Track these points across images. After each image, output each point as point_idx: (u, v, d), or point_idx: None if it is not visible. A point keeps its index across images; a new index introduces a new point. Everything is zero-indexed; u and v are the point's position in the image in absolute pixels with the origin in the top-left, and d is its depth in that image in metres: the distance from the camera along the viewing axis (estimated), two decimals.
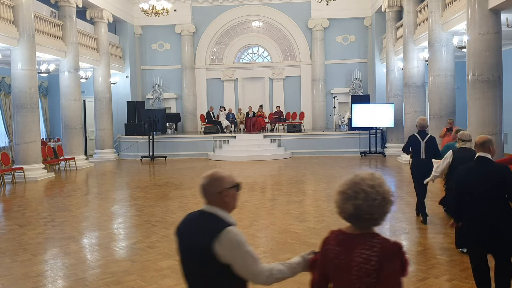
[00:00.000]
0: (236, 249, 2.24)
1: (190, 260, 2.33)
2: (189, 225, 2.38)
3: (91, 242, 7.21)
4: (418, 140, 7.50)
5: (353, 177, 2.13)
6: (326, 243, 2.27)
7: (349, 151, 18.58)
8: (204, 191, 2.36)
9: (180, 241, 2.39)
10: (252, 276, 2.31)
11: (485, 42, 10.06)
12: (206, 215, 2.34)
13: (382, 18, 20.01)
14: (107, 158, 19.06)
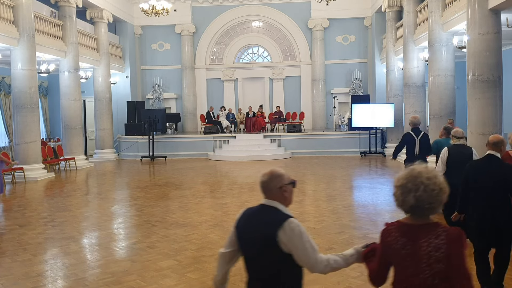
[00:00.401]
0: (298, 238, 2.46)
1: (254, 250, 2.52)
2: (251, 219, 2.60)
3: (91, 242, 7.21)
4: (413, 137, 7.81)
5: (409, 171, 2.33)
6: (387, 235, 2.42)
7: (349, 151, 18.58)
8: (265, 187, 2.59)
9: (242, 233, 2.61)
10: (311, 264, 2.51)
11: (485, 42, 10.06)
12: (267, 208, 2.57)
13: (382, 18, 20.01)
14: (107, 158, 19.06)
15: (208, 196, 10.97)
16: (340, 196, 10.19)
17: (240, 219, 2.69)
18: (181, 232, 7.32)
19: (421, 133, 7.85)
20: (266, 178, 2.58)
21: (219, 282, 2.84)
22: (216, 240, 6.76)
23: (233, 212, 8.71)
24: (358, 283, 4.99)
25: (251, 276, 2.59)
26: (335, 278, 5.14)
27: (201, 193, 11.18)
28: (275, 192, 2.56)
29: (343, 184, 12.13)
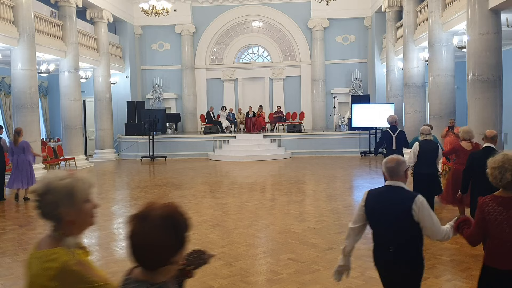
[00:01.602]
0: (426, 210, 3.07)
1: (390, 221, 3.12)
2: (382, 197, 3.21)
3: (91, 242, 7.21)
4: (390, 134, 8.91)
5: (504, 156, 3.06)
6: (485, 205, 3.13)
7: (349, 151, 18.58)
8: (392, 171, 3.19)
9: (375, 209, 3.21)
10: (434, 232, 3.11)
11: (485, 42, 10.06)
12: (395, 188, 3.19)
13: (382, 18, 20.01)
14: (107, 158, 19.06)
15: (208, 196, 10.97)
16: (340, 196, 10.19)
17: (369, 198, 3.26)
18: None
19: (397, 131, 8.91)
20: (393, 164, 3.19)
21: (348, 252, 3.41)
22: (216, 240, 6.76)
23: (233, 212, 8.71)
24: (358, 283, 4.98)
25: (383, 243, 3.20)
26: None
27: (201, 193, 11.18)
28: (401, 175, 3.20)
29: (343, 184, 12.13)
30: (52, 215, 1.83)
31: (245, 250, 6.26)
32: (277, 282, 5.05)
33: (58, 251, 1.80)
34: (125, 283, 1.74)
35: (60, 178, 1.84)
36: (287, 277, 5.20)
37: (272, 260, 5.86)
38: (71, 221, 1.85)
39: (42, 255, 1.80)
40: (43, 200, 1.82)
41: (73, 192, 1.83)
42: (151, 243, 1.62)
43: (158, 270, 1.67)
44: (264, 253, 6.20)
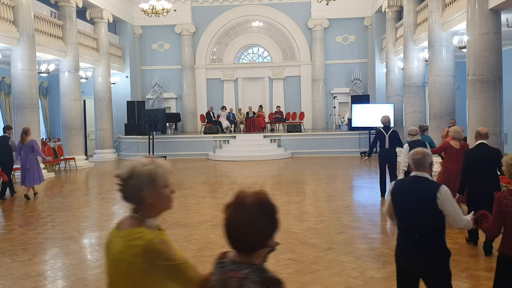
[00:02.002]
0: (449, 199, 3.30)
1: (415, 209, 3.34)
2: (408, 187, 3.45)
3: (91, 242, 7.21)
4: (383, 134, 9.49)
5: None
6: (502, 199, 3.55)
7: (349, 151, 18.58)
8: (418, 162, 3.42)
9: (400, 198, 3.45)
10: (456, 220, 3.36)
11: (485, 42, 10.06)
12: (421, 178, 3.42)
13: (382, 18, 20.01)
14: (107, 158, 19.06)
15: (208, 196, 10.97)
16: (340, 196, 10.18)
17: (395, 188, 3.53)
18: (181, 232, 7.32)
19: (390, 130, 9.49)
20: (420, 155, 3.42)
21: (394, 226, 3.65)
22: (216, 240, 6.76)
23: None
24: (358, 283, 4.98)
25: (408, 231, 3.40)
26: (335, 278, 5.14)
27: (201, 193, 11.18)
28: (427, 166, 3.43)
29: (343, 184, 12.13)
30: (135, 198, 1.99)
31: None
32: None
33: (142, 230, 1.95)
34: (220, 265, 1.87)
35: (143, 164, 1.99)
36: (287, 277, 5.20)
37: (272, 260, 5.84)
38: (152, 204, 1.99)
39: (127, 234, 1.95)
40: (127, 184, 1.98)
41: (155, 177, 1.98)
42: (249, 229, 1.77)
43: (253, 253, 1.82)
44: None
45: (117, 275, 1.97)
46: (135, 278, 1.90)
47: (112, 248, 2.00)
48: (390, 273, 5.04)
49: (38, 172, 10.65)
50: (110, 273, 2.02)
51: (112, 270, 1.99)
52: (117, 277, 1.97)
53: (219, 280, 1.81)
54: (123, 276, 1.93)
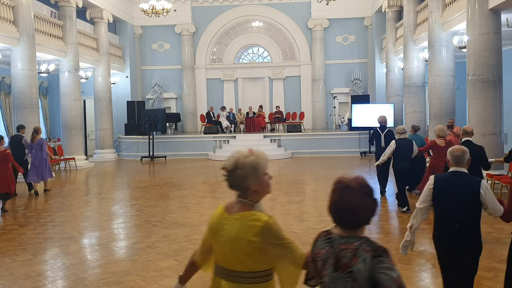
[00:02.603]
0: (490, 192, 3.60)
1: (459, 201, 3.61)
2: (450, 181, 3.71)
3: (91, 242, 7.21)
4: (379, 133, 10.01)
5: None
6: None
7: (349, 151, 18.58)
8: (458, 159, 3.71)
9: (443, 191, 3.70)
10: (495, 210, 3.61)
11: (485, 42, 10.07)
12: (461, 173, 3.71)
13: (382, 18, 20.01)
14: (107, 158, 19.06)
15: (208, 196, 10.97)
16: None
17: (436, 182, 3.75)
18: (181, 232, 7.32)
19: (386, 129, 10.01)
20: (460, 153, 3.72)
21: (414, 229, 3.80)
22: None
23: None
24: None
25: (449, 222, 3.65)
26: None
27: (201, 193, 11.18)
28: (465, 162, 3.71)
29: None
30: (241, 186, 2.28)
31: None
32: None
33: (257, 213, 2.26)
34: (328, 241, 2.14)
35: (245, 156, 2.28)
36: None
37: None
38: (255, 190, 2.28)
39: (243, 216, 2.25)
40: (233, 174, 2.27)
41: (257, 167, 2.27)
42: (356, 207, 2.03)
43: (359, 228, 2.09)
44: None
45: (234, 252, 2.24)
46: (252, 254, 2.20)
47: (227, 229, 2.27)
48: None
49: (47, 169, 11.24)
50: (225, 251, 2.29)
51: (228, 249, 2.26)
52: (234, 254, 2.24)
53: (331, 253, 2.07)
54: (241, 253, 2.22)
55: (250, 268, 2.23)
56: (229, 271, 2.29)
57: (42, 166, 11.13)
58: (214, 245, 2.37)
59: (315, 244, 2.19)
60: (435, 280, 5.10)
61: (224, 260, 2.31)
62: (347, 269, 1.99)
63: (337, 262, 2.03)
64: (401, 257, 5.89)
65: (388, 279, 1.92)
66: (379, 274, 1.94)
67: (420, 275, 5.26)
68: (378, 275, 1.94)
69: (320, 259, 2.10)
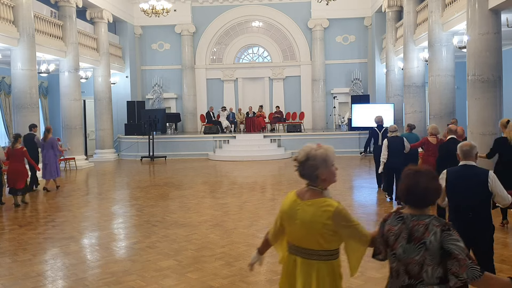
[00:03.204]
0: (497, 182, 3.99)
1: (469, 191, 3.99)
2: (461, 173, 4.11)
3: (91, 242, 7.21)
4: (377, 132, 10.74)
5: None
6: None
7: (349, 151, 18.56)
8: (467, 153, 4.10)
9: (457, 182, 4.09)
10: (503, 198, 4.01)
11: (485, 42, 10.06)
12: (470, 166, 4.10)
13: (382, 18, 20.01)
14: (107, 158, 19.06)
15: (208, 196, 10.97)
16: (340, 196, 10.17)
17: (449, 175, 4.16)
18: (181, 232, 7.32)
19: (383, 129, 10.59)
20: (468, 147, 4.07)
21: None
22: (216, 240, 6.76)
23: (233, 212, 8.71)
24: (358, 283, 4.98)
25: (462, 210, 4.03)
26: None
27: (201, 193, 11.18)
28: (473, 156, 4.08)
29: (343, 184, 12.12)
30: (311, 175, 2.64)
31: (245, 250, 6.26)
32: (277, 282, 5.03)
33: (327, 199, 2.60)
34: (399, 219, 2.46)
35: (316, 149, 2.62)
36: None
37: (272, 260, 5.85)
38: (324, 179, 2.62)
39: (316, 203, 2.60)
40: (305, 165, 2.63)
41: (326, 158, 2.60)
42: (428, 189, 2.40)
43: (428, 207, 2.45)
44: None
45: (310, 234, 2.56)
46: (325, 235, 2.53)
47: (300, 214, 2.61)
48: None
49: (56, 167, 11.76)
50: (301, 233, 2.61)
51: (304, 231, 2.58)
52: (310, 235, 2.57)
53: (404, 228, 2.42)
54: (316, 234, 2.54)
55: (323, 247, 2.57)
56: (304, 249, 2.61)
57: (52, 164, 11.58)
58: (288, 227, 2.70)
59: (385, 223, 2.53)
60: None
61: (299, 241, 2.63)
62: (420, 241, 2.35)
63: (410, 236, 2.39)
64: None
65: (457, 248, 2.30)
66: (449, 244, 2.31)
67: None
68: (448, 246, 2.31)
69: (393, 234, 2.45)
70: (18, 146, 10.09)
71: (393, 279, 2.47)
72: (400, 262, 2.41)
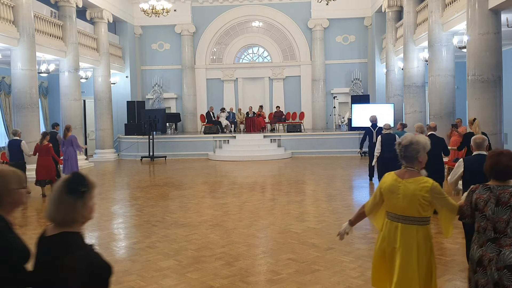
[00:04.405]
0: None
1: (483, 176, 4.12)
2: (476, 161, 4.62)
3: (91, 242, 7.20)
4: (371, 130, 11.72)
5: None
6: None
7: (349, 151, 18.55)
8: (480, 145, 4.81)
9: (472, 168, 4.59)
10: None
11: (485, 42, 10.06)
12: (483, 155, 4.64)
13: (382, 18, 20.01)
14: (107, 158, 19.06)
15: (208, 196, 10.97)
16: (340, 196, 10.18)
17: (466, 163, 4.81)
18: (181, 232, 7.32)
19: (377, 127, 11.60)
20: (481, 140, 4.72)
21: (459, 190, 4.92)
22: (216, 240, 6.76)
23: (233, 212, 8.71)
24: (358, 283, 4.98)
25: None
26: (335, 278, 5.14)
27: (201, 193, 11.18)
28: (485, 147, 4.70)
29: (343, 184, 12.13)
30: (412, 158, 3.32)
31: (245, 250, 6.26)
32: (277, 282, 5.05)
33: (424, 178, 3.32)
34: (486, 189, 3.14)
35: (416, 136, 3.36)
36: (287, 277, 5.20)
37: (272, 260, 5.86)
38: (420, 161, 3.34)
39: (417, 180, 3.30)
40: (409, 148, 3.30)
41: (425, 145, 3.34)
42: (509, 166, 3.09)
43: (507, 180, 3.12)
44: (264, 253, 6.19)
45: (411, 204, 3.26)
46: (423, 205, 3.26)
47: (402, 189, 3.29)
48: None
49: (75, 162, 12.51)
50: (403, 204, 3.29)
51: (406, 202, 3.27)
52: (411, 205, 3.27)
53: (491, 196, 3.08)
54: (417, 204, 3.25)
55: (421, 215, 3.28)
56: (406, 217, 3.31)
57: (72, 160, 12.40)
58: (389, 201, 3.40)
59: (474, 193, 3.19)
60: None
61: (402, 210, 3.32)
62: (507, 205, 3.03)
63: (498, 201, 3.06)
64: None
65: None
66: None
67: None
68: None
69: (482, 201, 3.11)
70: (45, 142, 11.13)
71: (480, 234, 3.12)
72: (489, 221, 3.05)
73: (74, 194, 2.14)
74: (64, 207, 2.13)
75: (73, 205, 2.14)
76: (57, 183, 2.22)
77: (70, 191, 2.13)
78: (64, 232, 2.16)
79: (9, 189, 2.28)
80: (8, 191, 2.28)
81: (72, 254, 2.05)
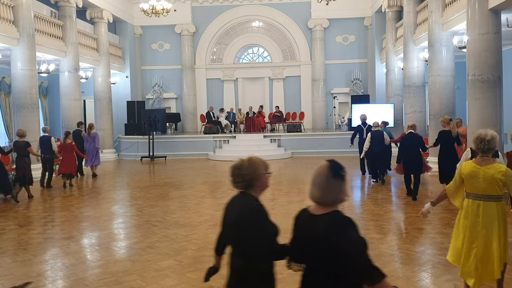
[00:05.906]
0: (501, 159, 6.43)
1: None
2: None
3: (91, 242, 7.21)
4: (362, 128, 13.14)
5: None
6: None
7: (349, 151, 18.51)
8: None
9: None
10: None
11: (485, 42, 10.05)
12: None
13: (382, 18, 20.01)
14: (107, 158, 19.02)
15: (208, 196, 10.97)
16: None
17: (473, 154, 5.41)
18: (181, 232, 7.32)
19: (366, 125, 12.88)
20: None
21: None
22: None
23: None
24: None
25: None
26: None
27: (201, 193, 11.18)
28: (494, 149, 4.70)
29: None
30: (491, 150, 4.18)
31: None
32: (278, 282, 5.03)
33: (499, 164, 4.21)
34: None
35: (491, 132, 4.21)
36: (287, 277, 5.18)
37: None
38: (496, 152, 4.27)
39: (494, 166, 4.15)
40: (490, 142, 4.16)
41: (496, 140, 4.20)
42: None
43: None
44: None
45: (491, 185, 4.13)
46: (500, 186, 4.13)
47: (482, 174, 4.14)
48: (390, 273, 5.05)
49: (97, 156, 14.33)
50: (484, 186, 4.14)
51: (487, 184, 4.13)
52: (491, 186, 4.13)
53: None
54: (495, 185, 4.12)
55: (498, 193, 4.13)
56: (487, 195, 4.15)
57: (94, 154, 14.06)
58: (470, 184, 4.21)
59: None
60: (435, 280, 5.10)
61: (483, 190, 4.15)
62: None
63: None
64: (401, 257, 5.90)
65: None
66: None
67: (420, 275, 5.26)
68: None
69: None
70: (68, 141, 12.46)
71: None
72: None
73: (339, 178, 2.46)
74: (332, 190, 2.50)
75: (340, 187, 2.49)
76: (320, 169, 2.54)
77: (336, 176, 2.47)
78: (335, 211, 2.55)
79: (258, 174, 2.80)
80: (258, 176, 2.80)
81: (351, 229, 2.42)
